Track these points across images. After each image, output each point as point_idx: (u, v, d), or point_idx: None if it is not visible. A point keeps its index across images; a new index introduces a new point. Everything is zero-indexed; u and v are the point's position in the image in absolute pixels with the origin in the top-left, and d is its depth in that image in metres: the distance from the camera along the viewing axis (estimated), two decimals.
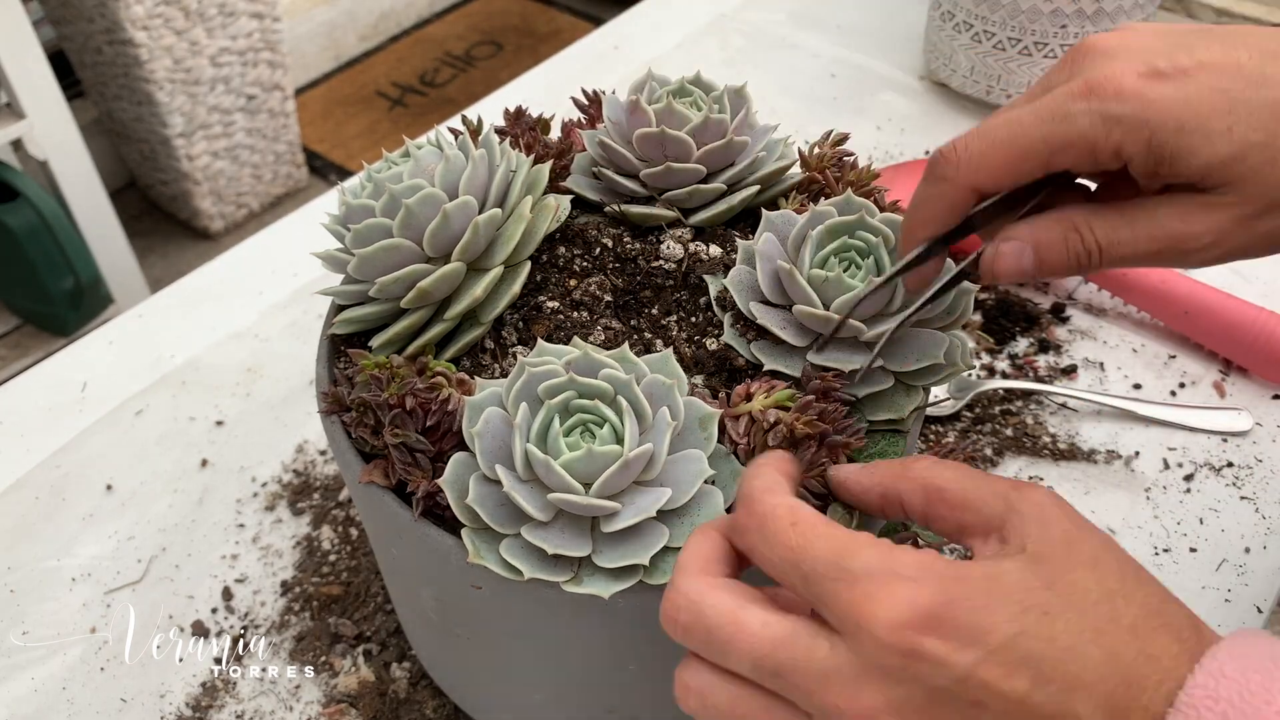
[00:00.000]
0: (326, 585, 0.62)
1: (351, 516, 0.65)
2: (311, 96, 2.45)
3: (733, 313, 0.45)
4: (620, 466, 0.37)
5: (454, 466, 0.39)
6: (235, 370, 0.75)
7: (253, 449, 0.69)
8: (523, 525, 0.38)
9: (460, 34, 2.70)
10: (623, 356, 0.40)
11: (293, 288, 0.81)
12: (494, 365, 0.45)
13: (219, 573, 0.63)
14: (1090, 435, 0.68)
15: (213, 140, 1.96)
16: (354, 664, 0.58)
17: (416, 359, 0.43)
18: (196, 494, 0.67)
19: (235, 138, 2.00)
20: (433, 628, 0.47)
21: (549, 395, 0.39)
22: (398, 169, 0.44)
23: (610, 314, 0.47)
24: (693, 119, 0.48)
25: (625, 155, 0.49)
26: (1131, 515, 0.63)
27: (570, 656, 0.43)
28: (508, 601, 0.40)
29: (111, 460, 0.69)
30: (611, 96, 0.51)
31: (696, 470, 0.38)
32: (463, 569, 0.39)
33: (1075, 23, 0.83)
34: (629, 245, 0.49)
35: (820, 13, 1.08)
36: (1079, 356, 0.73)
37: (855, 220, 0.44)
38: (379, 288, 0.43)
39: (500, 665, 0.46)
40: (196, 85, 1.87)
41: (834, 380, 0.41)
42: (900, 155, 0.90)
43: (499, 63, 2.61)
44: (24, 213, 1.56)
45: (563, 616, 0.40)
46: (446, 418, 0.40)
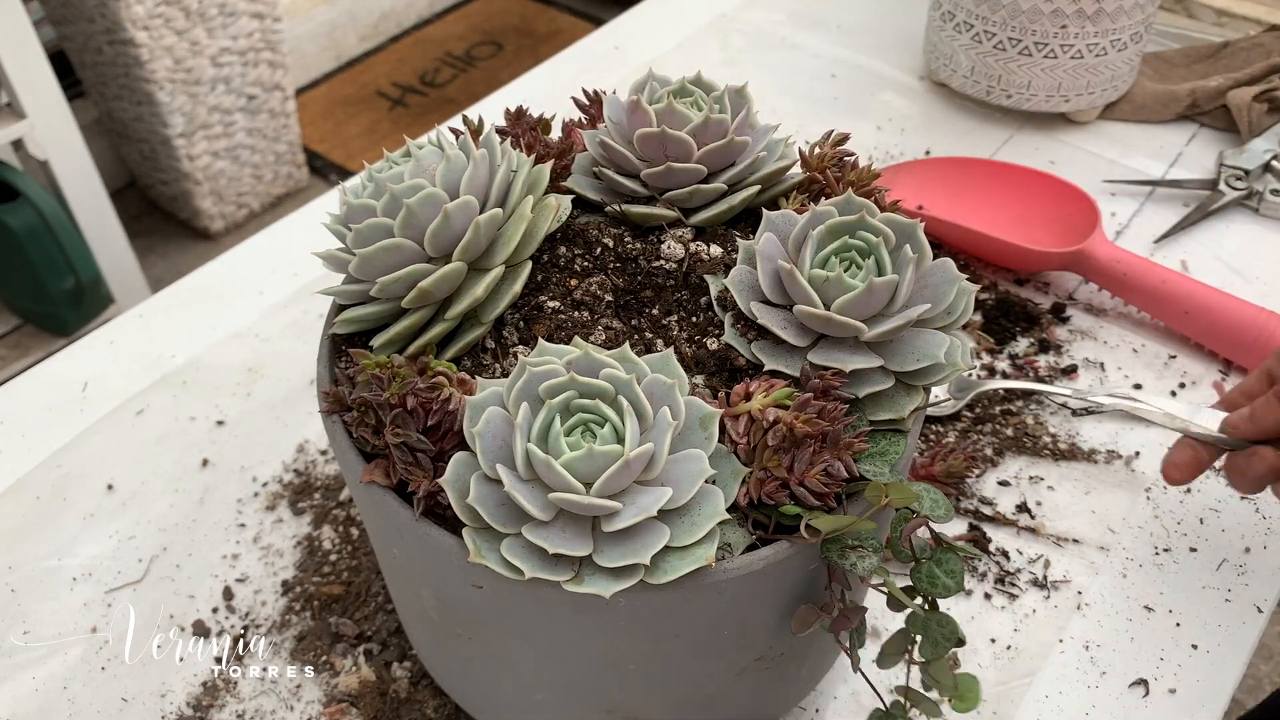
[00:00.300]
0: (327, 585, 0.62)
1: (352, 516, 0.65)
2: (312, 96, 2.45)
3: (733, 313, 0.45)
4: (621, 466, 0.37)
5: (455, 466, 0.39)
6: (236, 370, 0.75)
7: (253, 449, 0.69)
8: (524, 525, 0.38)
9: (461, 34, 2.70)
10: (624, 356, 0.40)
11: (293, 287, 0.81)
12: (495, 365, 0.45)
13: (220, 572, 0.63)
14: (1090, 435, 0.68)
15: (213, 140, 1.96)
16: (355, 664, 0.58)
17: (417, 359, 0.43)
18: (197, 494, 0.67)
19: (236, 138, 2.00)
20: (433, 627, 0.47)
21: (550, 395, 0.39)
22: (399, 169, 0.44)
23: (611, 314, 0.47)
24: (693, 119, 0.48)
25: (626, 155, 0.49)
26: (1131, 515, 0.63)
27: (570, 656, 0.43)
28: (508, 601, 0.40)
29: (112, 460, 0.69)
30: (612, 96, 0.51)
31: (697, 470, 0.38)
32: (463, 568, 0.39)
33: (1075, 23, 0.83)
34: (630, 245, 0.49)
35: (820, 13, 1.08)
36: (1079, 356, 0.73)
37: (856, 220, 0.44)
38: (380, 287, 0.43)
39: (500, 665, 0.46)
40: (197, 85, 1.87)
41: (833, 379, 0.41)
42: (901, 155, 0.90)
43: (499, 63, 2.61)
44: (24, 212, 1.56)
45: (563, 616, 0.40)
46: (448, 417, 0.40)
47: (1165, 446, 0.67)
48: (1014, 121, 0.93)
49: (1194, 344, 0.73)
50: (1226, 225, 0.83)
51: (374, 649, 0.59)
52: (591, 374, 0.39)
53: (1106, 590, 0.60)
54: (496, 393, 0.40)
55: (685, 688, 0.45)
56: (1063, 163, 0.88)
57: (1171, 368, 0.72)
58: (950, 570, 0.40)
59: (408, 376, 0.41)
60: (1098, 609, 0.59)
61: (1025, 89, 0.88)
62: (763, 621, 0.42)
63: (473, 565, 0.38)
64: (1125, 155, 0.89)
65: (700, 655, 0.43)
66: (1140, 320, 0.75)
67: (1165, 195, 0.85)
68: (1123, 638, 0.58)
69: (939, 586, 0.40)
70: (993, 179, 0.82)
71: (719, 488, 0.39)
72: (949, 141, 0.91)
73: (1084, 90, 0.88)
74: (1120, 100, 0.92)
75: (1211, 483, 0.65)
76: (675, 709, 0.47)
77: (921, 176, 0.84)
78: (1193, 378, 0.71)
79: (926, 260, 0.44)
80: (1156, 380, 0.71)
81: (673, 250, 0.48)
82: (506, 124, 0.55)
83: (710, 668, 0.44)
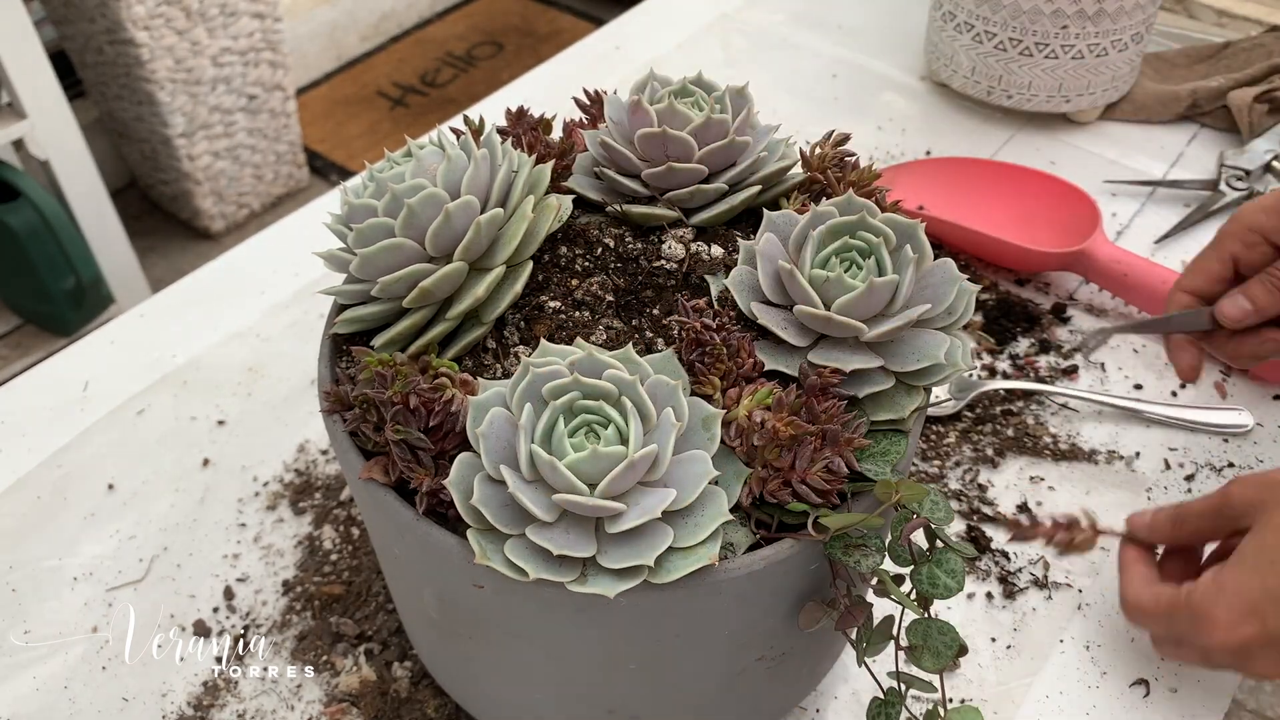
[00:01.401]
0: (328, 585, 0.62)
1: (353, 516, 0.65)
2: (313, 96, 2.45)
3: (734, 313, 0.45)
4: (625, 467, 0.37)
5: (459, 467, 0.39)
6: (237, 370, 0.75)
7: (254, 448, 0.69)
8: (528, 526, 0.38)
9: (461, 34, 2.70)
10: (626, 357, 0.40)
11: (294, 287, 0.81)
12: (496, 365, 0.45)
13: (220, 572, 0.63)
14: (1091, 436, 0.68)
15: (214, 140, 1.96)
16: (355, 663, 0.58)
17: (419, 358, 0.43)
18: (198, 493, 0.67)
19: (236, 138, 2.00)
20: (434, 627, 0.47)
21: (553, 396, 0.39)
22: (400, 169, 0.44)
23: (612, 314, 0.47)
24: (694, 119, 0.48)
25: (627, 155, 0.49)
26: None
27: (571, 656, 0.43)
28: (510, 601, 0.40)
29: (113, 460, 0.69)
30: (613, 97, 0.52)
31: (701, 471, 0.39)
32: (465, 569, 0.39)
33: (1076, 23, 0.83)
34: (630, 245, 0.49)
35: (821, 13, 1.08)
36: (1080, 357, 0.73)
37: (856, 220, 0.44)
38: (381, 287, 0.43)
39: (501, 664, 0.46)
40: (198, 85, 1.87)
41: (831, 376, 0.41)
42: (901, 156, 0.90)
43: (500, 63, 2.61)
44: (25, 212, 1.56)
45: (565, 616, 0.40)
46: (450, 418, 0.40)
47: (1167, 447, 0.67)
48: (1015, 122, 0.93)
49: None
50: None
51: (375, 649, 0.59)
52: (595, 375, 0.39)
53: (1107, 590, 0.60)
54: (500, 393, 0.40)
55: (687, 688, 0.45)
56: (1063, 163, 0.88)
57: (1172, 369, 0.72)
58: (951, 570, 0.40)
59: (410, 375, 0.41)
60: (1098, 609, 0.59)
61: (1026, 89, 0.88)
62: (764, 621, 0.42)
63: (475, 565, 0.38)
64: (1126, 155, 0.89)
65: (701, 655, 0.43)
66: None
67: (1166, 196, 0.85)
68: (1123, 638, 0.58)
69: (940, 587, 0.41)
70: (993, 180, 0.82)
71: (722, 488, 0.39)
72: (949, 141, 0.92)
73: (1085, 91, 0.88)
74: (1121, 101, 0.92)
75: (1213, 483, 0.65)
76: (677, 709, 0.47)
77: (922, 177, 0.84)
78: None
79: (927, 261, 0.44)
80: (1157, 381, 0.71)
81: (673, 250, 0.48)
82: (508, 124, 0.55)
83: (711, 668, 0.44)
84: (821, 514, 0.39)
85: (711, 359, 0.42)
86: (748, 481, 0.40)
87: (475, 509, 0.38)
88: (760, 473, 0.40)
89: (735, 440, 0.40)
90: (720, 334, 0.42)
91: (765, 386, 0.41)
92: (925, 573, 0.41)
